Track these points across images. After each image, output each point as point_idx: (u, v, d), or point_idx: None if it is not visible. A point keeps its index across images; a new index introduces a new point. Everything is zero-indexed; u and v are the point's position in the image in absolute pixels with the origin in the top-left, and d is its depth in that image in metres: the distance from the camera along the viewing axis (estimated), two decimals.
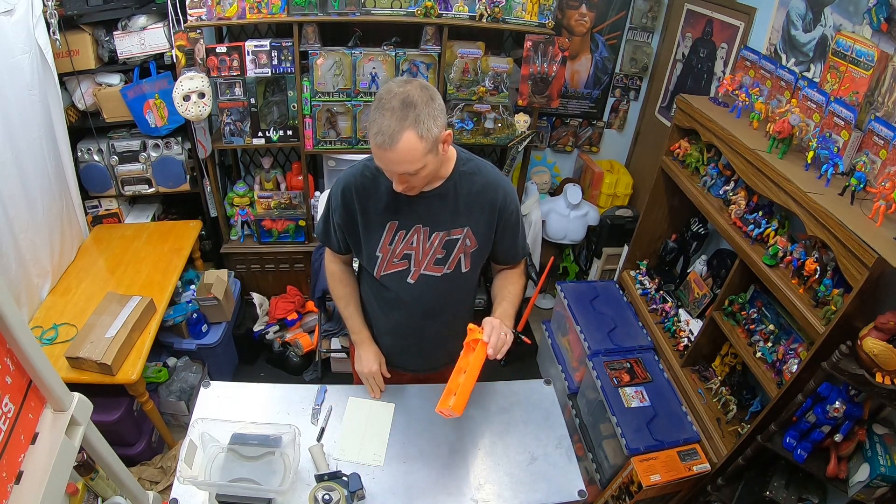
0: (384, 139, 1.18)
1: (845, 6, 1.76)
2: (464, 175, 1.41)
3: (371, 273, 1.50)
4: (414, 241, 1.43)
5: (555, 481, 1.49)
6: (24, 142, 2.08)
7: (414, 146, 1.19)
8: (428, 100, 1.20)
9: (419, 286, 1.49)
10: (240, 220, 2.98)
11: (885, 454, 1.47)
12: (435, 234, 1.43)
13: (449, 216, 1.42)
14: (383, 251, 1.45)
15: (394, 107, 1.17)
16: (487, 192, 1.42)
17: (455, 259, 1.46)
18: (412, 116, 1.17)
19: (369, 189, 1.42)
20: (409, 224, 1.42)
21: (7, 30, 1.95)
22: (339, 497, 1.30)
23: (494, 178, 1.44)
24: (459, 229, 1.43)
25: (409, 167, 1.23)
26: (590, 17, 2.91)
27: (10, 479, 1.03)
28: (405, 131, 1.17)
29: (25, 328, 1.08)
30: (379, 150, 1.21)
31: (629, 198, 3.23)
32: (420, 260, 1.45)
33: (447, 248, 1.44)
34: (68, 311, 2.24)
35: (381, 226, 1.43)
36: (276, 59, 2.53)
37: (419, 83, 1.22)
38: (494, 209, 1.43)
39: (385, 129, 1.17)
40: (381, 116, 1.18)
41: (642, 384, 2.14)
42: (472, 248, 1.46)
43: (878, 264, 1.29)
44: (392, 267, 1.47)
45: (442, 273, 1.47)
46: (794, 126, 1.67)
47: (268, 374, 2.96)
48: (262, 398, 1.64)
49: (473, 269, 1.51)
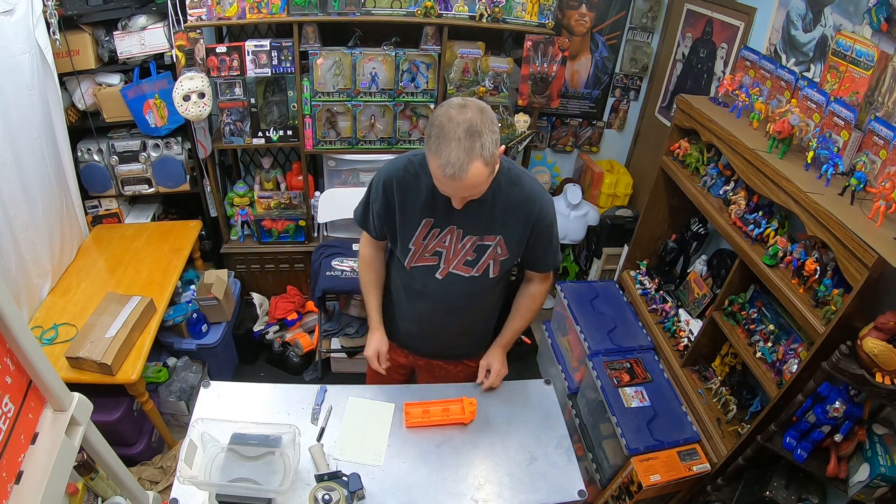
0: (454, 171, 1.19)
1: (845, 6, 1.76)
2: (504, 185, 1.42)
3: (402, 262, 1.53)
4: (447, 240, 1.46)
5: (555, 481, 1.49)
6: (24, 142, 2.08)
7: (481, 173, 1.22)
8: (490, 123, 1.22)
9: (446, 283, 1.52)
10: (240, 220, 2.98)
11: (885, 454, 1.47)
12: (468, 238, 1.45)
13: (484, 223, 1.44)
14: (416, 245, 1.48)
15: (459, 137, 1.18)
16: (525, 205, 1.44)
17: (484, 264, 1.49)
18: (478, 146, 1.19)
19: (410, 184, 1.44)
20: (445, 224, 1.45)
21: (7, 30, 1.95)
22: (339, 497, 1.30)
23: (532, 190, 1.46)
24: (492, 237, 1.45)
25: (475, 192, 1.28)
26: (590, 17, 2.91)
27: (10, 479, 1.03)
28: (473, 162, 1.19)
29: (25, 328, 1.08)
30: (448, 179, 1.22)
31: (629, 198, 3.23)
32: (450, 258, 1.48)
33: (478, 252, 1.47)
34: (68, 311, 2.24)
35: (417, 221, 1.45)
36: (276, 59, 2.53)
37: (476, 105, 1.23)
38: (529, 222, 1.45)
39: (454, 162, 1.18)
40: (448, 148, 1.18)
41: (642, 384, 2.14)
42: (503, 257, 1.49)
43: (878, 264, 1.29)
44: (423, 260, 1.50)
45: (470, 274, 1.50)
46: (794, 126, 1.67)
47: (268, 374, 2.96)
48: (262, 398, 1.64)
49: (501, 276, 1.55)
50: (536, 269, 1.61)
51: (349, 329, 2.90)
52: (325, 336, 2.88)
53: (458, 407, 1.61)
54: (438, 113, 1.23)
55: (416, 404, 1.62)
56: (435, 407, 1.62)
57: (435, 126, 1.22)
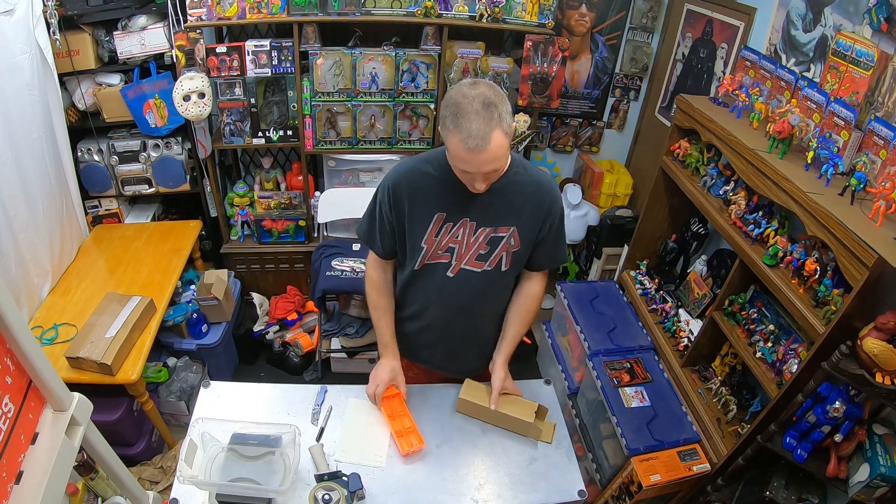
0: (478, 142, 1.20)
1: (845, 6, 1.76)
2: (517, 175, 1.44)
3: (412, 267, 1.53)
4: (460, 234, 1.46)
5: (555, 481, 1.49)
6: (24, 142, 2.08)
7: (503, 143, 1.24)
8: (501, 96, 1.24)
9: (457, 281, 1.51)
10: (240, 220, 2.98)
11: (885, 454, 1.47)
12: (481, 230, 1.45)
13: (497, 213, 1.44)
14: (428, 243, 1.48)
15: (477, 109, 1.20)
16: (538, 193, 1.45)
17: (497, 257, 1.49)
18: (496, 115, 1.21)
19: (419, 182, 1.45)
20: (458, 217, 1.45)
21: (7, 30, 1.95)
22: (339, 497, 1.30)
23: (545, 179, 1.49)
24: (506, 228, 1.46)
25: (498, 164, 1.28)
26: (590, 17, 2.91)
27: (10, 479, 1.03)
28: (494, 131, 1.21)
29: (25, 328, 1.08)
30: (471, 153, 1.23)
31: (629, 198, 3.23)
32: (462, 254, 1.48)
33: (491, 244, 1.47)
34: (68, 311, 2.24)
35: (430, 217, 1.45)
36: (276, 59, 2.53)
37: (485, 83, 1.26)
38: (542, 210, 1.46)
39: (476, 133, 1.20)
40: (468, 121, 1.20)
41: (642, 384, 2.14)
42: (515, 248, 1.48)
43: (878, 264, 1.29)
44: (435, 258, 1.50)
45: (482, 269, 1.50)
46: (794, 126, 1.67)
47: (268, 374, 2.96)
48: (262, 398, 1.64)
49: (512, 270, 1.54)
50: (545, 265, 1.59)
51: (349, 329, 2.90)
52: (325, 336, 2.88)
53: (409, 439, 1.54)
54: (451, 93, 1.26)
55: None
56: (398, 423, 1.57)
57: (450, 105, 1.24)
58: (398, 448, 1.51)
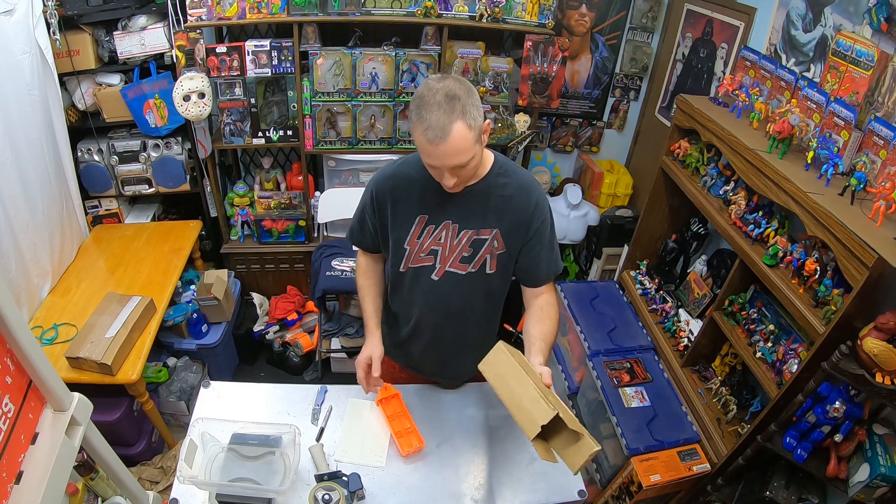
0: (435, 133, 1.20)
1: (845, 6, 1.76)
2: (498, 177, 1.42)
3: (398, 269, 1.52)
4: (442, 236, 1.45)
5: (555, 481, 1.49)
6: (24, 142, 2.08)
7: (464, 136, 1.22)
8: (468, 90, 1.23)
9: (442, 284, 1.49)
10: (240, 220, 2.98)
11: (885, 454, 1.47)
12: (463, 232, 1.44)
13: (479, 216, 1.43)
14: (411, 244, 1.47)
15: (439, 101, 1.19)
16: (520, 195, 1.43)
17: (481, 259, 1.46)
18: (458, 108, 1.20)
19: (401, 184, 1.44)
20: (439, 219, 1.43)
21: (7, 30, 1.95)
22: (339, 497, 1.30)
23: (528, 184, 1.45)
24: (488, 230, 1.44)
25: (462, 158, 1.25)
26: (590, 17, 2.91)
27: (10, 479, 1.03)
28: (454, 123, 1.20)
29: (25, 328, 1.08)
30: (431, 145, 1.22)
31: (629, 198, 3.23)
32: (446, 257, 1.47)
33: (474, 246, 1.45)
34: (68, 311, 2.24)
35: (412, 219, 1.44)
36: (276, 59, 2.53)
37: (454, 78, 1.25)
38: (527, 213, 1.43)
39: (435, 124, 1.19)
40: (429, 112, 1.20)
41: (642, 384, 2.14)
42: (500, 251, 1.46)
43: (878, 264, 1.29)
44: (418, 261, 1.48)
45: (466, 271, 1.47)
46: (794, 126, 1.67)
47: (268, 374, 2.96)
48: (262, 398, 1.64)
49: (499, 274, 1.49)
50: (544, 277, 1.49)
51: (349, 329, 2.90)
52: (325, 336, 2.88)
53: (409, 439, 1.54)
54: (419, 87, 1.26)
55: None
56: (398, 424, 1.57)
57: (416, 98, 1.24)
58: (398, 448, 1.51)
